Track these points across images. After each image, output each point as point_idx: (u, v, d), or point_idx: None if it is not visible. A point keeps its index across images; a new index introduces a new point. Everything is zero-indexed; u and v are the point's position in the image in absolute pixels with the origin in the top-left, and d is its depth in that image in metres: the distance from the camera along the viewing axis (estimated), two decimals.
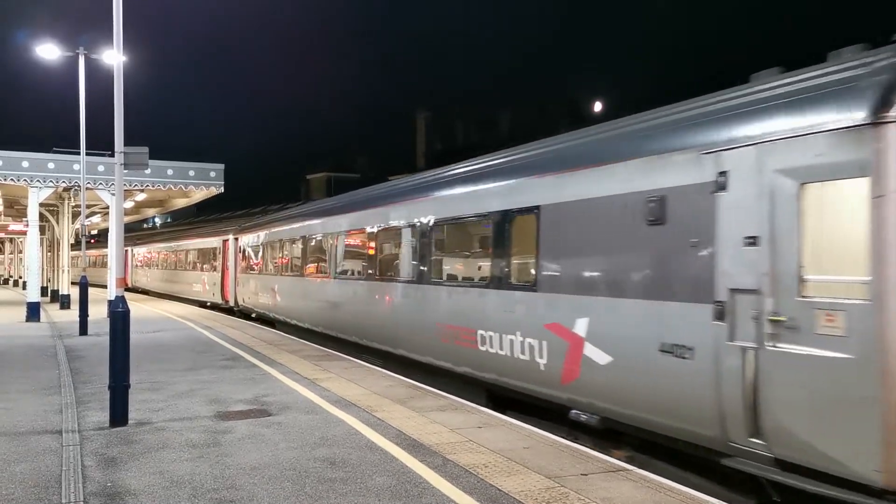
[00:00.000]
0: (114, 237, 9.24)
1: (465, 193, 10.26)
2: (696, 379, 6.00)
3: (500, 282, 9.08)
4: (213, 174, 26.82)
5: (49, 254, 36.79)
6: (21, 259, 48.43)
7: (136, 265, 47.74)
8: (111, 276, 22.43)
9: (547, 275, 8.14)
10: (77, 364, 12.70)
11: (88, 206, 26.34)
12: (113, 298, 8.54)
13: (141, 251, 46.93)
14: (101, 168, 24.67)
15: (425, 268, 11.11)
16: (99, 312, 22.01)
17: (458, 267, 11.15)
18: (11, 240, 53.41)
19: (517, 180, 8.96)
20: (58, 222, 29.67)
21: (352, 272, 14.68)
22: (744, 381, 5.61)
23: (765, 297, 5.50)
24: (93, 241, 52.91)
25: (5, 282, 63.43)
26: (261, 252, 22.34)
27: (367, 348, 13.39)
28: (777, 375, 5.40)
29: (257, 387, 10.30)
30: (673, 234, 6.37)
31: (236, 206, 68.72)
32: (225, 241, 27.40)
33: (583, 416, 7.55)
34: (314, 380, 10.85)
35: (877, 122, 4.93)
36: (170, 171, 25.90)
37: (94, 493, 5.63)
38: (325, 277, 15.92)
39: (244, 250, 24.55)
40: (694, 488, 5.91)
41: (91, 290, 20.87)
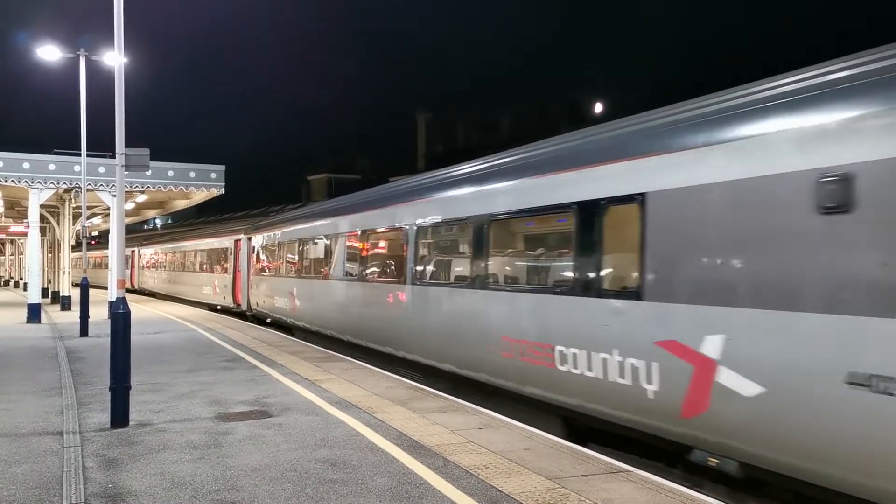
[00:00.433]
0: (115, 239, 9.25)
1: (537, 183, 8.61)
2: None
3: (587, 288, 7.49)
4: (213, 175, 26.81)
5: (50, 255, 36.85)
6: (22, 260, 48.44)
7: (143, 267, 46.28)
8: (112, 278, 22.47)
9: (657, 279, 6.52)
10: (78, 365, 12.71)
11: (89, 208, 26.43)
12: (114, 300, 8.55)
13: (147, 252, 45.21)
14: (101, 169, 24.71)
15: (486, 270, 9.55)
16: (100, 314, 22.03)
17: (528, 270, 9.50)
18: (12, 241, 53.51)
19: (608, 166, 7.40)
20: (58, 224, 29.69)
21: (389, 275, 13.14)
22: None
23: None
24: (93, 242, 53.04)
25: (6, 283, 63.46)
26: (278, 252, 20.65)
27: (403, 360, 12.02)
28: None
29: (258, 388, 10.31)
30: (869, 224, 4.88)
31: (237, 207, 68.92)
32: (237, 241, 25.98)
33: (712, 460, 5.99)
34: (315, 381, 10.85)
35: None
36: (170, 173, 25.90)
37: (95, 495, 5.64)
38: (356, 281, 14.31)
39: (258, 250, 23.00)
40: (694, 489, 5.91)
41: (92, 291, 20.87)
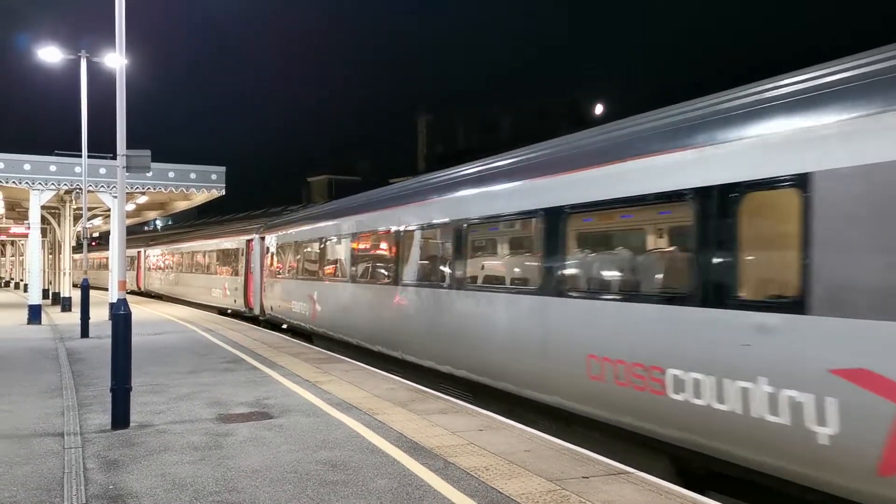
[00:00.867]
0: (116, 240, 9.26)
1: (645, 167, 6.91)
2: None
3: (717, 296, 5.93)
4: (214, 177, 26.84)
5: (50, 256, 36.87)
6: (22, 262, 48.45)
7: (149, 268, 44.69)
8: (112, 279, 22.48)
9: (834, 286, 5.04)
10: (78, 367, 12.71)
11: (90, 209, 26.43)
12: (115, 301, 8.55)
13: (154, 253, 43.83)
14: (102, 171, 24.74)
15: (570, 273, 7.98)
16: (100, 315, 22.04)
17: (627, 272, 7.77)
18: (13, 242, 53.55)
19: (751, 140, 5.76)
20: (59, 225, 29.72)
21: (430, 279, 11.48)
22: None
23: None
24: (94, 244, 53.03)
25: (6, 284, 63.49)
26: (297, 252, 19.09)
27: (446, 375, 10.59)
28: None
29: (258, 389, 10.31)
30: None
31: (237, 208, 69.03)
32: (249, 241, 24.83)
33: None
34: (315, 382, 10.85)
35: None
36: (171, 174, 25.92)
37: (96, 496, 5.64)
38: (393, 285, 12.63)
39: (273, 250, 21.60)
40: (695, 492, 5.91)
41: (93, 292, 20.87)
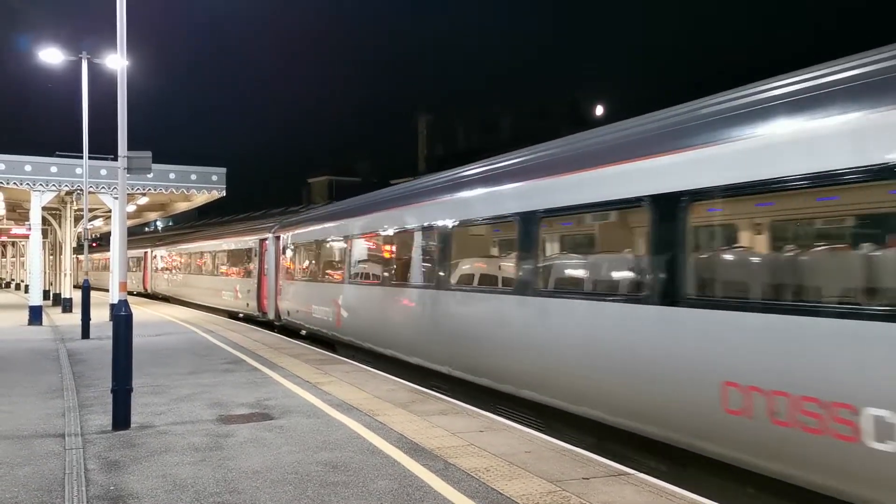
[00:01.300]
0: (116, 241, 9.29)
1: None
2: None
3: None
4: (214, 178, 26.87)
5: (51, 257, 36.91)
6: (23, 263, 48.49)
7: (157, 269, 42.59)
8: (113, 280, 22.48)
9: None
10: (79, 368, 12.72)
11: (91, 210, 26.45)
12: (116, 302, 8.56)
13: (162, 253, 41.77)
14: (103, 172, 24.75)
15: (696, 275, 6.30)
16: (101, 316, 22.05)
17: (779, 275, 6.02)
18: (14, 243, 53.60)
19: None
20: (60, 226, 29.76)
21: (488, 281, 10.25)
22: None
23: None
24: (94, 244, 53.03)
25: (7, 285, 63.53)
26: (318, 252, 17.75)
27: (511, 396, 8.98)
28: None
29: (259, 390, 10.32)
30: None
31: (238, 209, 69.03)
32: (262, 241, 23.22)
33: None
34: (316, 383, 10.86)
35: None
36: (172, 175, 25.94)
37: (97, 497, 5.65)
38: (436, 289, 11.03)
39: (290, 251, 20.27)
40: (695, 493, 5.90)
41: (93, 293, 20.88)
